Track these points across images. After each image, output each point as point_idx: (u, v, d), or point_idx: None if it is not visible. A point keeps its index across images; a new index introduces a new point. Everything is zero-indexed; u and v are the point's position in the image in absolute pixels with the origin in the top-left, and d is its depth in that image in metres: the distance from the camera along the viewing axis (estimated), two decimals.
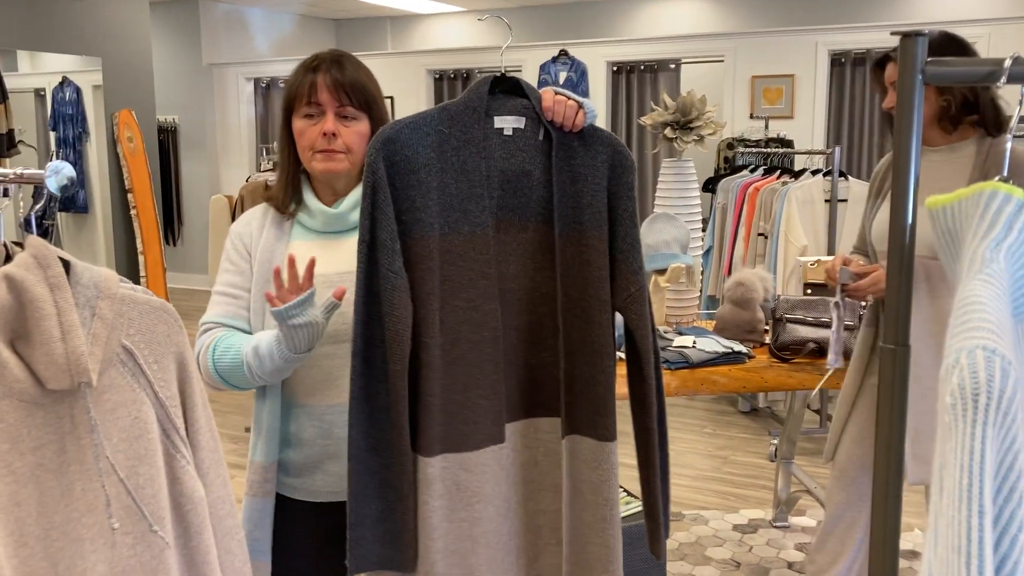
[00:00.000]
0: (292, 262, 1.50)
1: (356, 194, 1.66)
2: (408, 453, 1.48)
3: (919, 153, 0.84)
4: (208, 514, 1.27)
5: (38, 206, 1.07)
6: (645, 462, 1.62)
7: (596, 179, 1.52)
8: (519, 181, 1.51)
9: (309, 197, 1.68)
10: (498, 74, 1.51)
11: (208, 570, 1.25)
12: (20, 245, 1.10)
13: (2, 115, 4.98)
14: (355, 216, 1.64)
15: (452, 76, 7.20)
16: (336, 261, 1.63)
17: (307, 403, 1.63)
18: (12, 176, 1.07)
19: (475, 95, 1.49)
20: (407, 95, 7.22)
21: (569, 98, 1.49)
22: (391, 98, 7.23)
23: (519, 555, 1.62)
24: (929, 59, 0.82)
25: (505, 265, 1.52)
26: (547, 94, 1.50)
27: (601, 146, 1.53)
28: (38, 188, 1.16)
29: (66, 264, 1.09)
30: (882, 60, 2.22)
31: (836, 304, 2.30)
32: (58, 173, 1.03)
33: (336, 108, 1.62)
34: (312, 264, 1.50)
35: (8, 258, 1.09)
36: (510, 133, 1.50)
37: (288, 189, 1.69)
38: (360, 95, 1.63)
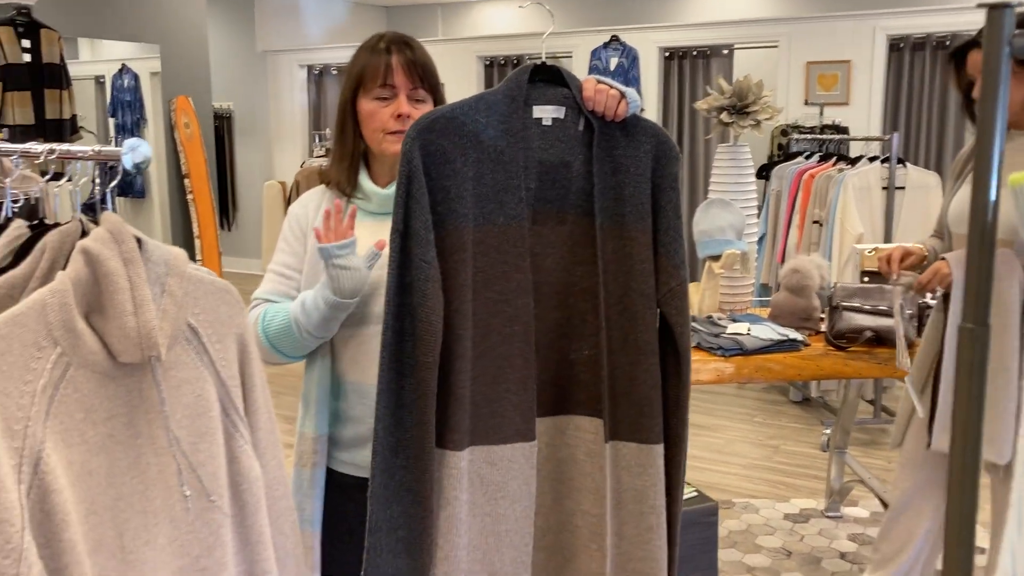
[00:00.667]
0: (338, 208, 1.53)
1: None
2: (431, 452, 1.44)
3: (1004, 130, 0.82)
4: (263, 494, 1.29)
5: (114, 183, 1.10)
6: (669, 466, 1.53)
7: (639, 170, 1.47)
8: (558, 172, 1.47)
9: (364, 179, 1.69)
10: (539, 62, 1.47)
11: (261, 548, 1.27)
12: (95, 222, 1.13)
13: (65, 101, 5.09)
14: None
15: (502, 63, 7.19)
16: None
17: (356, 381, 1.65)
18: (90, 153, 1.10)
19: (514, 84, 1.45)
20: (457, 82, 7.23)
21: (611, 87, 1.45)
22: (441, 85, 7.25)
23: (552, 554, 1.57)
24: (1017, 31, 0.80)
25: (541, 258, 1.48)
26: (588, 83, 1.46)
27: (644, 136, 1.48)
28: (103, 168, 1.19)
29: (138, 241, 1.11)
30: (962, 48, 2.15)
31: (900, 306, 2.30)
32: (134, 150, 1.05)
33: (409, 90, 1.63)
34: (354, 212, 1.55)
35: (84, 233, 1.12)
36: (549, 123, 1.46)
37: (349, 171, 1.70)
38: (430, 77, 1.65)
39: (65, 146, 1.15)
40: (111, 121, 6.49)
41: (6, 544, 0.93)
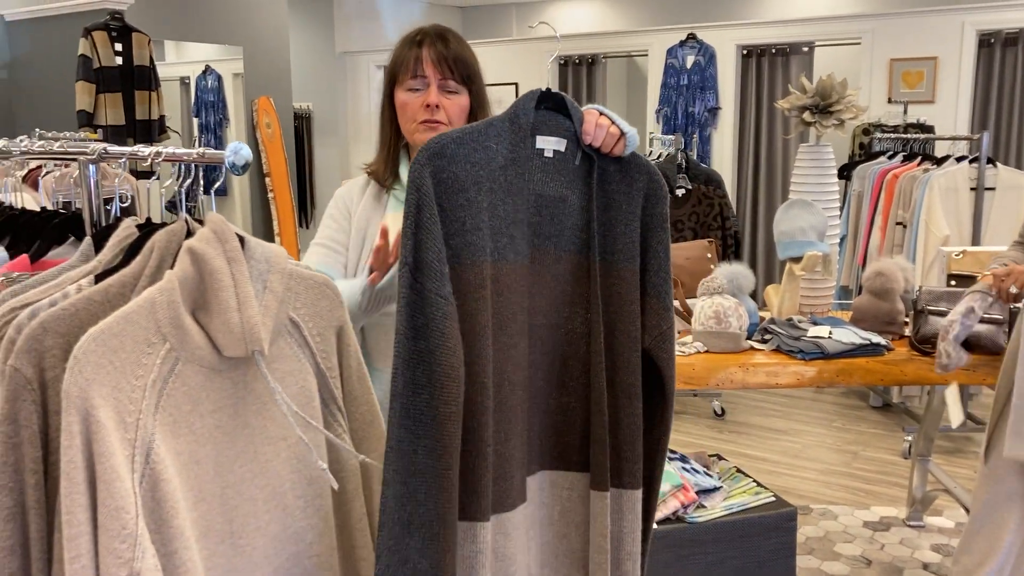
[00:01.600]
0: (384, 233, 1.55)
1: None
2: (453, 528, 1.28)
3: None
4: (360, 483, 1.33)
5: (218, 184, 1.14)
6: (643, 510, 1.47)
7: (631, 207, 1.40)
8: (556, 207, 1.38)
9: (403, 171, 1.74)
10: (544, 89, 1.39)
11: (358, 535, 1.31)
12: (200, 221, 1.18)
13: (154, 102, 5.27)
14: None
15: (577, 62, 7.18)
16: None
17: (381, 368, 1.69)
18: (195, 156, 1.15)
19: (522, 111, 1.36)
20: (532, 81, 7.25)
21: (612, 122, 1.39)
22: (515, 84, 7.28)
23: None
24: None
25: (535, 299, 1.39)
26: (589, 116, 1.39)
27: (638, 173, 1.41)
28: (180, 167, 1.24)
29: (241, 239, 1.16)
30: None
31: (970, 310, 2.25)
32: (237, 153, 1.09)
33: (439, 81, 1.66)
34: (399, 237, 1.53)
35: (189, 233, 1.17)
36: (551, 155, 1.38)
37: (388, 162, 1.77)
38: (462, 69, 1.66)
39: (171, 149, 1.20)
40: (195, 121, 6.68)
41: (122, 530, 0.98)
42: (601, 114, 1.39)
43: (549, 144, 1.37)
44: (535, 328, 1.39)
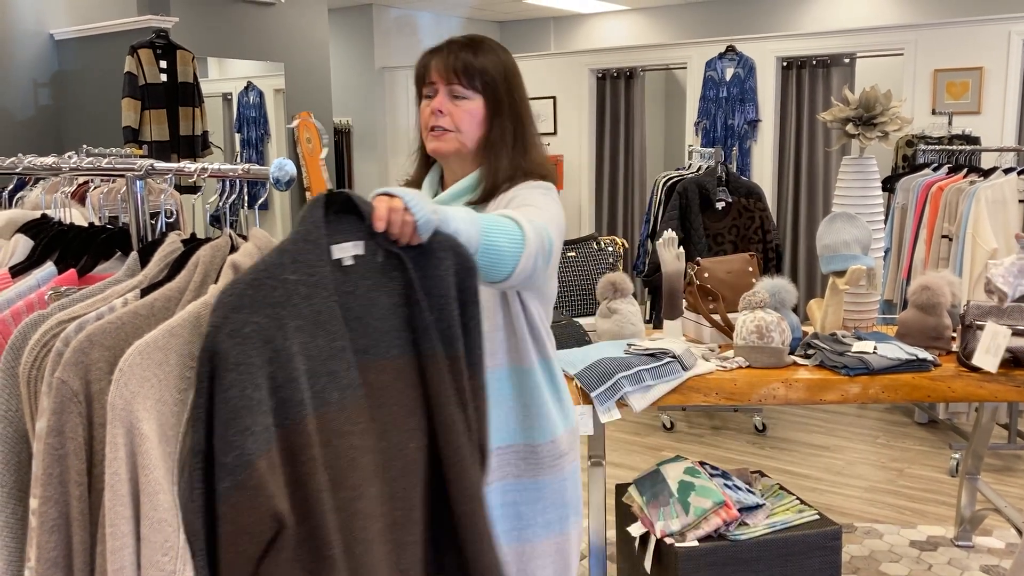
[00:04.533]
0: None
1: (462, 183, 1.70)
2: None
3: None
4: None
5: (261, 199, 1.15)
6: None
7: (444, 289, 1.28)
8: (367, 314, 1.23)
9: (427, 181, 1.77)
10: (328, 190, 1.23)
11: None
12: (244, 236, 1.19)
13: (198, 118, 5.35)
14: (458, 205, 1.63)
15: (615, 75, 7.18)
16: None
17: None
18: (240, 172, 1.16)
19: (311, 225, 1.18)
20: (570, 94, 7.25)
21: (406, 207, 1.22)
22: (553, 98, 7.28)
23: None
24: None
25: (379, 423, 1.24)
26: (380, 203, 1.22)
27: (444, 252, 1.28)
28: (224, 183, 1.25)
29: None
30: None
31: None
32: (281, 169, 1.10)
33: (446, 87, 1.67)
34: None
35: (234, 248, 1.18)
36: (351, 262, 1.22)
37: (417, 172, 1.80)
38: (469, 74, 1.66)
39: (216, 165, 1.21)
40: (237, 136, 6.78)
41: (165, 542, 0.98)
42: (393, 196, 1.23)
43: (346, 251, 1.22)
44: (386, 457, 1.24)
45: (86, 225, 1.55)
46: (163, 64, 5.14)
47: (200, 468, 1.06)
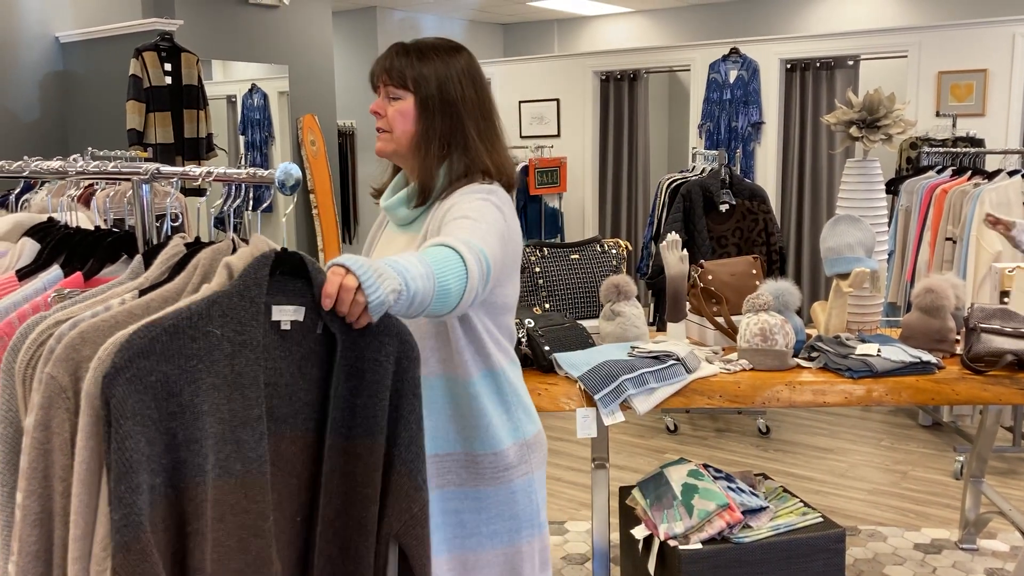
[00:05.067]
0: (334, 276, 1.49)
1: (407, 191, 1.69)
2: None
3: None
4: None
5: (266, 203, 1.16)
6: None
7: (378, 376, 1.21)
8: (293, 384, 1.18)
9: (392, 185, 1.77)
10: (279, 248, 1.18)
11: None
12: (246, 240, 1.19)
13: (202, 121, 5.36)
14: (403, 212, 1.67)
15: (619, 77, 7.18)
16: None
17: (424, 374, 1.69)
18: (245, 176, 1.16)
19: (252, 281, 1.13)
20: (573, 97, 7.26)
21: (360, 285, 1.15)
22: (556, 100, 7.29)
23: None
24: None
25: (278, 494, 1.18)
26: (334, 277, 1.15)
27: (388, 337, 1.22)
28: (230, 186, 1.26)
29: None
30: None
31: None
32: (287, 174, 1.10)
33: (384, 88, 1.69)
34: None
35: (235, 250, 1.18)
36: (288, 327, 1.17)
37: (391, 175, 1.81)
38: (399, 73, 1.66)
39: (222, 169, 1.22)
40: (241, 139, 6.78)
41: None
42: (349, 272, 1.16)
43: (286, 315, 1.17)
44: (277, 528, 1.18)
45: (92, 228, 1.56)
46: (168, 67, 5.15)
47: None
